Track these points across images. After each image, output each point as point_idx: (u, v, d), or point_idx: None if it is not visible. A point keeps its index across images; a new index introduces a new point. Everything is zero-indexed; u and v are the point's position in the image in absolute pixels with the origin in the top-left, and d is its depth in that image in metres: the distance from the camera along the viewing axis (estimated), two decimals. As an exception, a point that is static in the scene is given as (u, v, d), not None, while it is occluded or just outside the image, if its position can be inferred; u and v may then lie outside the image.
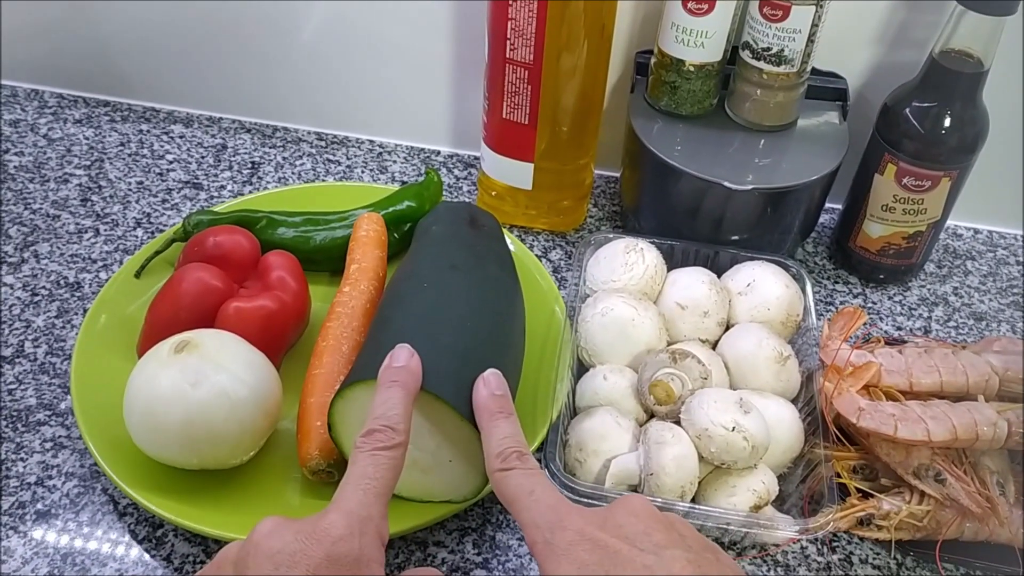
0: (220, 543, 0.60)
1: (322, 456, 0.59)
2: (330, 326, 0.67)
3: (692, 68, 0.76)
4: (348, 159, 0.94)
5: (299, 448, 0.61)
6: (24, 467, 0.64)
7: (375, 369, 0.54)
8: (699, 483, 0.61)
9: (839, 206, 0.85)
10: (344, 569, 0.42)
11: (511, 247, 0.74)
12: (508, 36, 0.73)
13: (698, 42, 0.74)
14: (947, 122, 0.73)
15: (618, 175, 0.90)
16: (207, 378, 0.57)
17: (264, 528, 0.44)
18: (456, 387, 0.54)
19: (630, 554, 0.43)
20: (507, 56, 0.74)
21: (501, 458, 0.49)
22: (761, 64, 0.75)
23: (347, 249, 0.74)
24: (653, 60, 0.79)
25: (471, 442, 0.54)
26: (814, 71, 0.78)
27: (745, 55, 0.76)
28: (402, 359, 0.52)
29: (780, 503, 0.63)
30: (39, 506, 0.62)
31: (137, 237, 0.82)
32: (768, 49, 0.74)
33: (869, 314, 0.81)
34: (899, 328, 0.80)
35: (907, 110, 0.74)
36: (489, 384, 0.53)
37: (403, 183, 0.90)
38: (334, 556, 0.42)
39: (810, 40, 0.73)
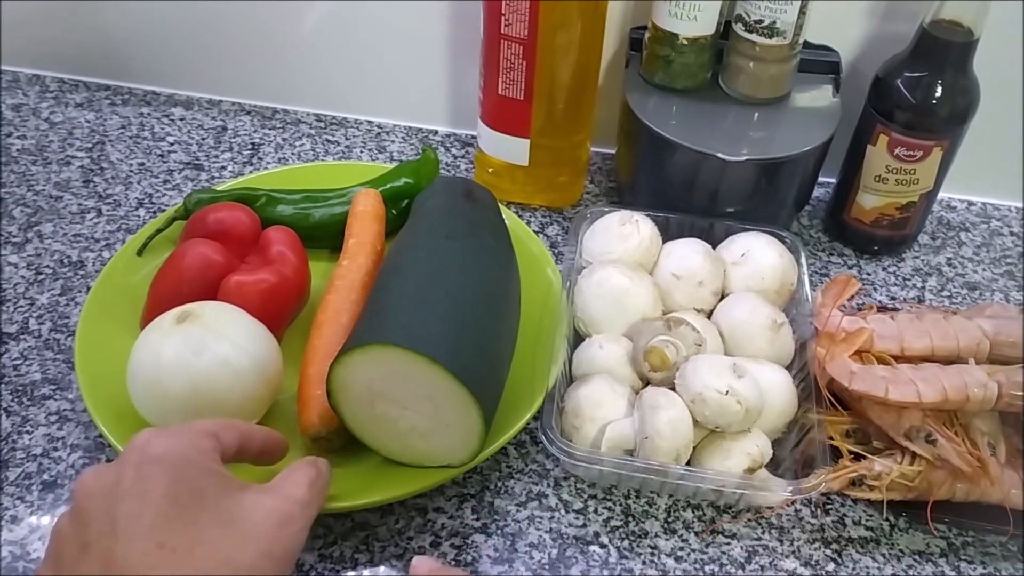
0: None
1: (322, 423, 0.60)
2: (329, 298, 0.68)
3: (686, 42, 0.77)
4: (347, 139, 0.94)
5: (300, 416, 0.62)
6: (30, 439, 0.65)
7: (372, 335, 0.55)
8: (694, 447, 0.62)
9: (833, 180, 0.86)
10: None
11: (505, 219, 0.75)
12: (503, 12, 0.74)
13: (691, 15, 0.75)
14: (938, 92, 0.74)
15: (614, 152, 0.91)
16: (209, 347, 0.58)
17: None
18: (452, 351, 0.55)
19: None
20: (502, 32, 0.75)
21: None
22: (754, 37, 0.76)
23: (346, 225, 0.75)
24: (647, 35, 0.80)
25: (468, 406, 0.55)
26: (807, 44, 0.79)
27: (738, 28, 0.77)
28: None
29: (774, 467, 0.64)
30: (45, 476, 0.63)
31: (139, 217, 0.83)
32: (760, 21, 0.75)
33: (864, 285, 0.82)
34: (893, 298, 0.81)
35: (898, 81, 0.75)
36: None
37: (401, 162, 0.91)
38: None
39: (802, 12, 0.74)
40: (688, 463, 0.62)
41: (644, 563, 0.61)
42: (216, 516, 0.44)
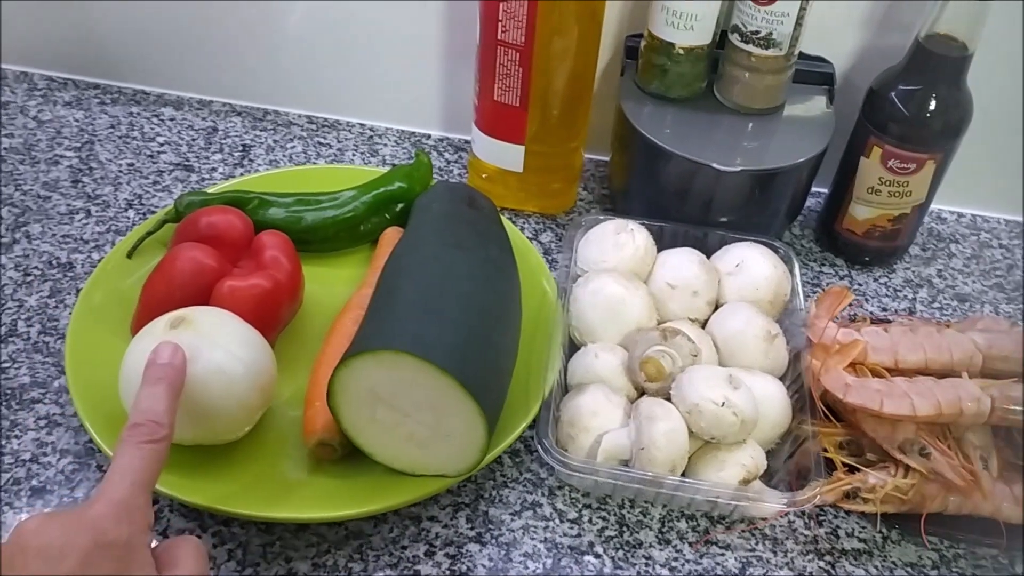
0: (215, 517, 0.61)
1: (327, 431, 0.60)
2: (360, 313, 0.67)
3: (682, 51, 0.77)
4: (339, 142, 0.94)
5: (309, 422, 0.61)
6: (19, 444, 0.64)
7: (383, 340, 0.55)
8: (689, 458, 0.62)
9: (825, 190, 0.86)
10: (114, 555, 0.43)
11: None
12: (500, 18, 0.73)
13: (688, 25, 0.75)
14: (932, 105, 0.74)
15: (607, 159, 0.91)
16: (202, 354, 0.57)
17: (28, 526, 0.43)
18: (462, 363, 0.55)
19: None
20: (499, 38, 0.75)
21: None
22: (750, 47, 0.76)
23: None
24: (643, 43, 0.80)
25: (474, 418, 0.55)
26: (801, 55, 0.79)
27: (734, 38, 0.77)
28: (166, 356, 0.53)
29: (768, 478, 0.64)
30: (34, 482, 0.62)
31: (129, 218, 0.82)
32: (757, 32, 0.75)
33: (855, 296, 0.82)
34: (884, 309, 0.81)
35: (893, 93, 0.75)
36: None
37: (393, 166, 0.90)
38: (103, 544, 0.43)
39: (798, 24, 0.74)
40: (683, 474, 0.62)
41: (638, 573, 0.61)
42: None
